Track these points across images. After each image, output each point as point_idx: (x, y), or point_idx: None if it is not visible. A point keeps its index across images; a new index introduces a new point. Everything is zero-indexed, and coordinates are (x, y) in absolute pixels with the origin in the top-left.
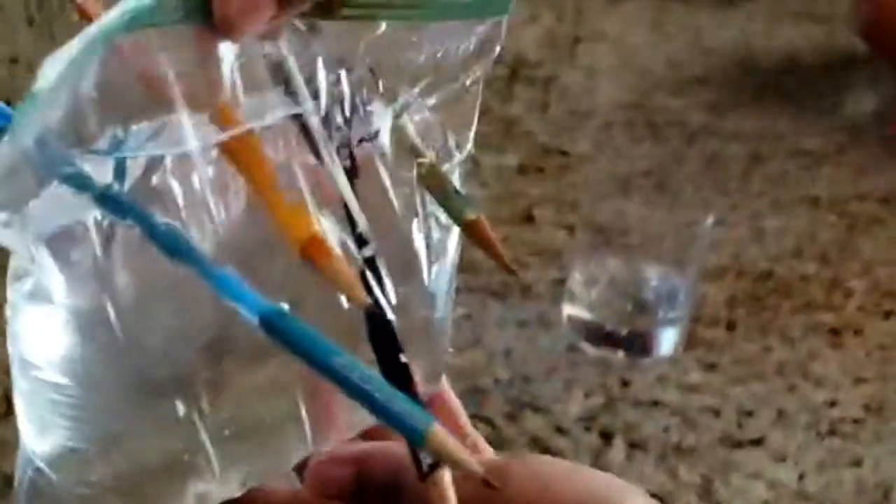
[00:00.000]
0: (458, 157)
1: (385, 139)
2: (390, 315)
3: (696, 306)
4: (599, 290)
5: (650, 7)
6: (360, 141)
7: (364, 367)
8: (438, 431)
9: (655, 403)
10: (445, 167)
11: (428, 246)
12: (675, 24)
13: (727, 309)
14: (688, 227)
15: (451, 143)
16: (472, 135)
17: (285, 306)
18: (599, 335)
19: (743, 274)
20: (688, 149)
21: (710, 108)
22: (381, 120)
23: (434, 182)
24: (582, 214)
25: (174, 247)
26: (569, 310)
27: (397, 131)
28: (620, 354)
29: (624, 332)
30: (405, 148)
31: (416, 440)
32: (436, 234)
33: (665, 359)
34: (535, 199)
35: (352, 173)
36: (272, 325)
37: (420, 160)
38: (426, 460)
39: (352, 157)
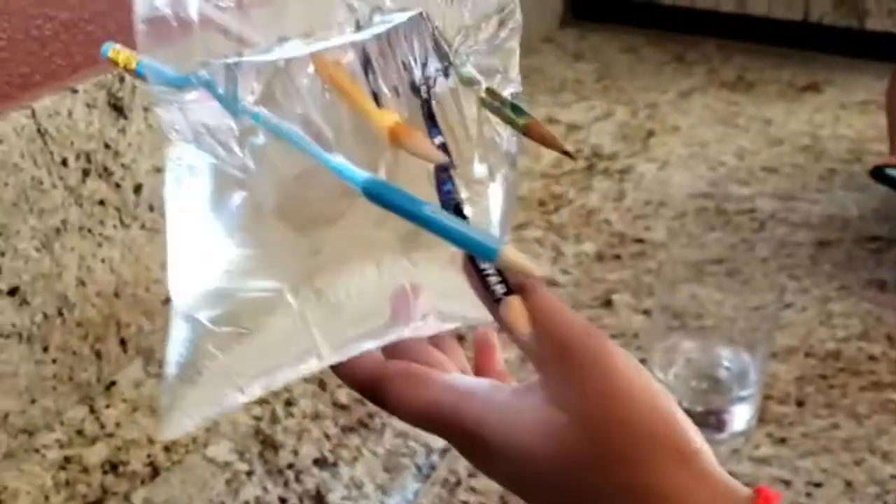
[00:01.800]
0: (512, 87)
1: (453, 77)
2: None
3: (767, 384)
4: (676, 371)
5: (720, 100)
6: (437, 75)
7: (446, 212)
8: (508, 248)
9: (730, 475)
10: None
11: (488, 158)
12: (745, 116)
13: (797, 387)
14: (758, 310)
15: (503, 76)
16: (517, 73)
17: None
18: None
19: (812, 354)
20: (758, 235)
21: (779, 196)
22: (447, 60)
23: (492, 101)
24: (658, 299)
25: (295, 140)
26: None
27: (459, 71)
28: None
29: (699, 409)
30: (466, 81)
31: (490, 256)
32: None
33: (738, 434)
34: (614, 285)
35: (429, 98)
36: (373, 190)
37: (480, 88)
38: (498, 292)
39: (428, 86)
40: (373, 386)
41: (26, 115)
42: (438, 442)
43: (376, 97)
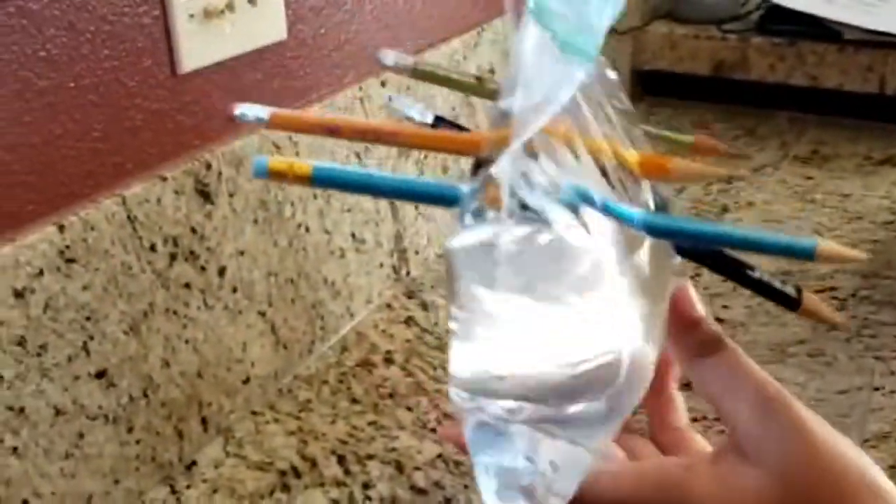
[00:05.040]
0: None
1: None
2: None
3: None
4: None
5: (795, 175)
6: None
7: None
8: (823, 243)
9: None
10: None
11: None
12: (821, 191)
13: (891, 475)
14: (846, 394)
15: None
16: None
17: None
18: None
19: None
20: (840, 315)
21: (861, 274)
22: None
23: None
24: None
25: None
26: None
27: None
28: None
29: None
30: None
31: (808, 255)
32: None
33: None
34: None
35: None
36: (651, 223)
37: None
38: (791, 293)
39: None
40: None
41: (117, 203)
42: None
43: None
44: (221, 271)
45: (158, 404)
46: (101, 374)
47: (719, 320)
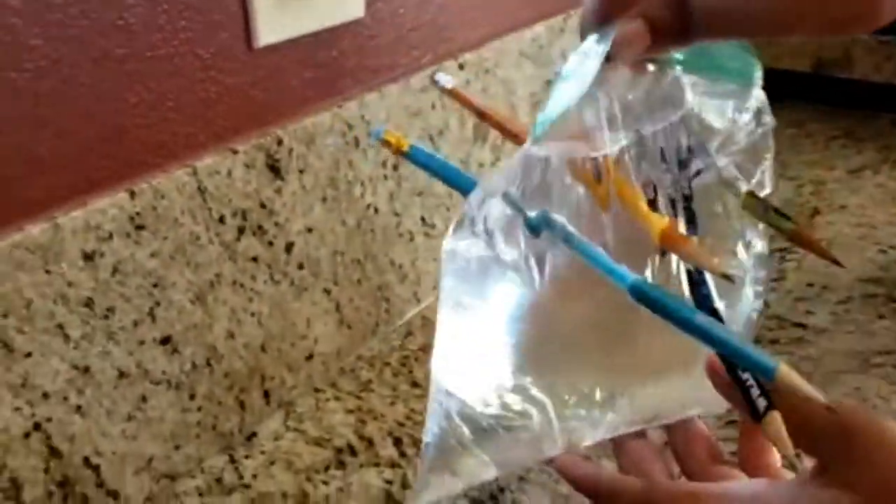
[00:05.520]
0: (766, 189)
1: (714, 174)
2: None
3: None
4: None
5: (893, 179)
6: (698, 172)
7: (717, 321)
8: (785, 368)
9: None
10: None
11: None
12: None
13: None
14: None
15: (759, 176)
16: (769, 174)
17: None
18: None
19: None
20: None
21: None
22: (709, 158)
23: (755, 205)
24: (818, 389)
25: (568, 237)
26: None
27: (719, 169)
28: None
29: None
30: (725, 180)
31: (767, 375)
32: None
33: None
34: None
35: (689, 198)
36: (641, 292)
37: (740, 188)
38: (760, 406)
39: (689, 186)
40: None
41: (188, 173)
42: None
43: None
44: (289, 247)
45: (221, 374)
46: (165, 341)
47: (801, 326)
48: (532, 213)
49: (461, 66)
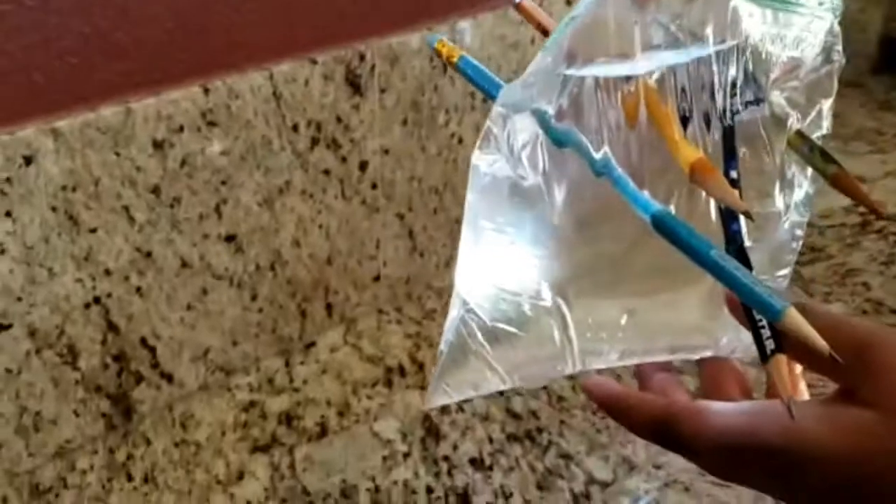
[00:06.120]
0: (821, 131)
1: (763, 108)
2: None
3: None
4: None
5: None
6: (748, 104)
7: (732, 259)
8: (793, 311)
9: None
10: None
11: (784, 193)
12: None
13: None
14: None
15: (815, 116)
16: (827, 115)
17: (672, 209)
18: None
19: None
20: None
21: None
22: (761, 91)
23: (801, 144)
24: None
25: (593, 161)
26: None
27: (770, 103)
28: None
29: None
30: (776, 116)
31: (774, 316)
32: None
33: None
34: None
35: (733, 128)
36: (661, 222)
37: (790, 126)
38: (769, 347)
39: (733, 115)
40: (663, 426)
41: (264, 77)
42: (602, 473)
43: (683, 120)
44: (363, 165)
45: (284, 280)
46: (230, 238)
47: None
48: (559, 126)
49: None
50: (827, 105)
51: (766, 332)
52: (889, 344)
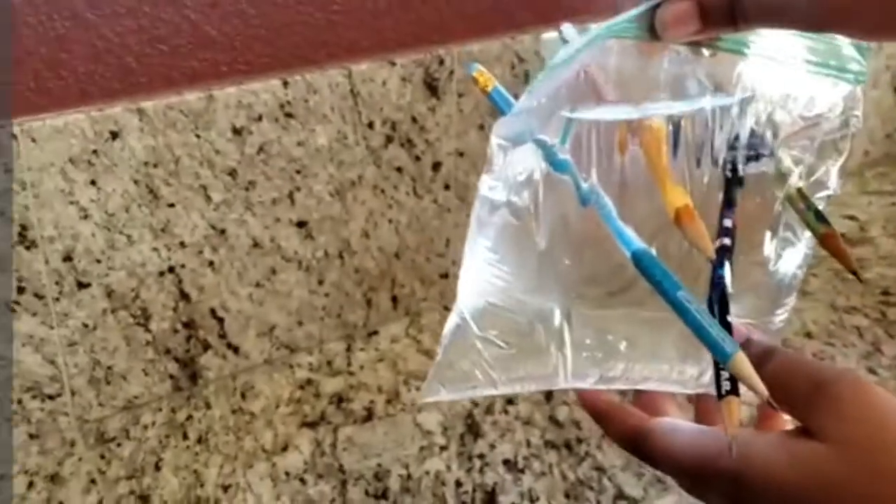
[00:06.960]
0: (827, 191)
1: (769, 164)
2: (727, 278)
3: None
4: None
5: None
6: (748, 158)
7: (698, 302)
8: (740, 356)
9: None
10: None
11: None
12: None
13: None
14: None
15: (821, 177)
16: (835, 176)
17: (653, 250)
18: None
19: None
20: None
21: None
22: (765, 147)
23: (798, 201)
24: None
25: (586, 195)
26: None
27: (776, 159)
28: None
29: None
30: (780, 171)
31: (723, 359)
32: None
33: None
34: None
35: (734, 180)
36: (639, 260)
37: (791, 183)
38: (724, 388)
39: (734, 167)
40: (635, 440)
41: (343, 74)
42: (634, 490)
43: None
44: (436, 166)
45: (352, 269)
46: (301, 224)
47: None
48: (560, 155)
49: None
50: (836, 166)
51: (724, 374)
52: (843, 381)
